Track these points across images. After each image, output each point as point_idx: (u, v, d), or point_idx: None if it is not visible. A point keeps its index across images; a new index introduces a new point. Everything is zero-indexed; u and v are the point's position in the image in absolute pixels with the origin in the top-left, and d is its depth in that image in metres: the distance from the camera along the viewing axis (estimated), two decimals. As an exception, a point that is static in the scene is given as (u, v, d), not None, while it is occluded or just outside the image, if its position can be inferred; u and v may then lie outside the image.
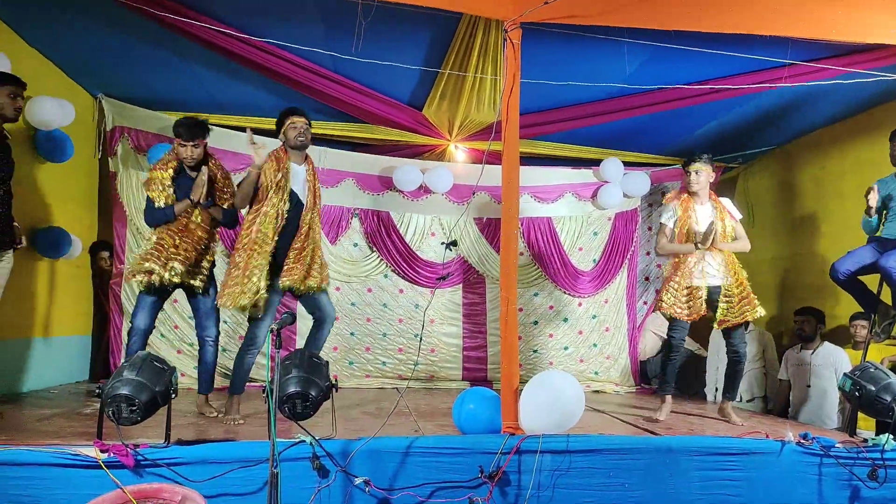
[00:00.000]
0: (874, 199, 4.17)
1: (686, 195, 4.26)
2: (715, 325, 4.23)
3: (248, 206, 3.85)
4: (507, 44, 3.34)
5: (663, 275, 4.34)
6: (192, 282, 3.83)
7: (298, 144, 3.86)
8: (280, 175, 3.75)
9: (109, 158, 5.40)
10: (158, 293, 3.82)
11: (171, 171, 3.82)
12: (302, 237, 3.81)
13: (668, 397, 4.31)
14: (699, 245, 4.09)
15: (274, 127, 4.00)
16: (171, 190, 3.80)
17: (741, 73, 4.49)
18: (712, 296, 4.12)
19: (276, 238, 3.72)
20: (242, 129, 5.55)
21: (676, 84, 4.60)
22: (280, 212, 3.74)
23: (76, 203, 5.30)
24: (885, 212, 4.43)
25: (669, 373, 4.31)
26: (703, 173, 4.17)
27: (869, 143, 4.94)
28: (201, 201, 3.81)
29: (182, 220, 3.81)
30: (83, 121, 5.18)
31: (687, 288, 4.11)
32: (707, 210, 4.22)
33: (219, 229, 4.09)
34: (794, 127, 5.82)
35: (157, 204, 3.77)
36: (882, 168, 4.42)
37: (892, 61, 3.99)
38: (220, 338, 4.09)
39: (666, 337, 4.37)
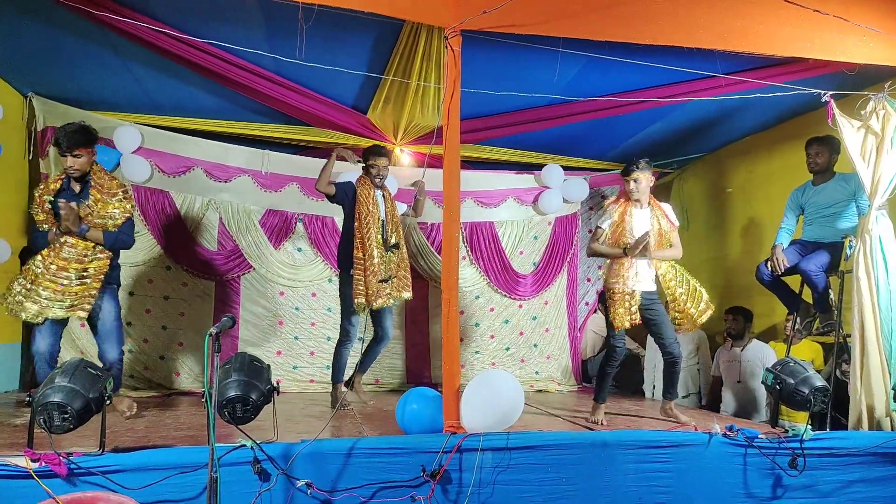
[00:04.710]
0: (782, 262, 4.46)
1: (625, 200, 4.27)
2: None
3: None
4: (447, 50, 3.40)
5: (602, 280, 4.36)
6: (77, 314, 3.68)
7: None
8: None
9: (41, 160, 5.22)
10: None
11: (49, 194, 3.69)
12: None
13: (602, 405, 4.29)
14: (627, 252, 4.10)
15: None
16: (51, 213, 3.68)
17: (674, 83, 4.67)
18: (643, 302, 4.16)
19: None
20: (181, 131, 5.55)
21: (612, 92, 4.76)
22: None
23: (4, 206, 5.10)
24: (803, 216, 4.71)
25: (608, 381, 4.29)
26: (642, 180, 4.17)
27: (793, 149, 5.21)
28: (72, 229, 3.64)
29: (57, 248, 3.66)
30: (12, 120, 5.00)
31: (629, 294, 4.12)
32: (645, 214, 4.23)
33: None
34: (725, 134, 6.10)
35: (39, 226, 3.72)
36: (804, 172, 4.69)
37: (810, 74, 4.23)
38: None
39: (609, 345, 4.30)
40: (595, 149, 6.36)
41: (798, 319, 4.74)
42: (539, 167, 6.39)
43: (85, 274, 3.70)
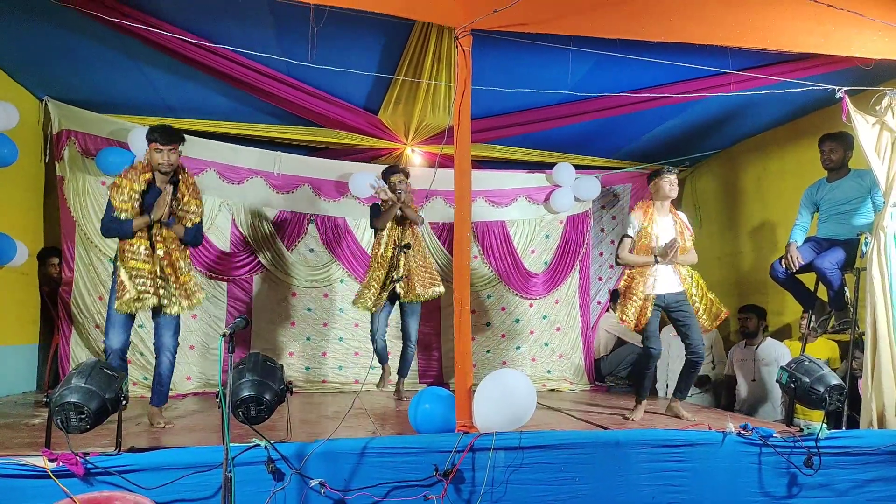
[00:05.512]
0: (796, 260, 4.40)
1: (648, 206, 4.34)
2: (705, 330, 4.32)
3: None
4: (458, 50, 3.40)
5: (622, 287, 4.40)
6: (174, 307, 3.74)
7: None
8: None
9: (56, 163, 5.27)
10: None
11: (143, 185, 3.69)
12: None
13: (644, 401, 4.33)
14: (658, 259, 4.18)
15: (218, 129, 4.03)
16: (138, 204, 3.67)
17: (685, 80, 4.65)
18: (667, 302, 4.19)
19: None
20: (194, 133, 5.57)
21: (623, 90, 4.73)
22: None
23: (21, 209, 5.16)
24: (817, 213, 4.67)
25: (646, 382, 4.35)
26: (675, 182, 4.31)
27: (807, 145, 5.17)
28: (162, 220, 3.70)
29: (149, 240, 3.69)
30: (28, 124, 5.06)
31: (645, 297, 4.18)
32: (668, 222, 4.32)
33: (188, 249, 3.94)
34: (738, 131, 6.06)
35: (117, 214, 3.64)
36: (818, 169, 4.64)
37: (824, 70, 4.20)
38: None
39: (645, 349, 4.31)
40: (606, 147, 6.34)
41: (813, 317, 4.70)
42: (550, 166, 6.38)
43: (176, 266, 3.79)
